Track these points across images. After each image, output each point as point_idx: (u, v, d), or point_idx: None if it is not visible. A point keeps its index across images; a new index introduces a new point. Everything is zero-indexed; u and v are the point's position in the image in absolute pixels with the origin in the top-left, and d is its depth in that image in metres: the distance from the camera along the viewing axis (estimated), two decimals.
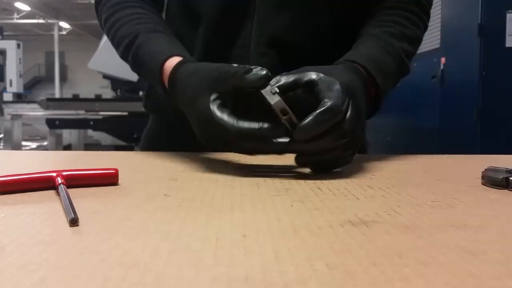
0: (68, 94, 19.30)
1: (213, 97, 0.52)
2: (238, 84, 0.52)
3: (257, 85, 0.51)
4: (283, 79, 0.52)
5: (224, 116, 0.51)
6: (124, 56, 0.72)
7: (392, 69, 0.66)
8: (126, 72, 4.16)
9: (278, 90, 0.50)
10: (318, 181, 0.48)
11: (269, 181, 0.48)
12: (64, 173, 0.43)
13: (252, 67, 0.52)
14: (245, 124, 0.50)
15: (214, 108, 0.52)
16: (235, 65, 0.54)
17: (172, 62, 0.62)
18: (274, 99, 0.49)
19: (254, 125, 0.50)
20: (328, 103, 0.49)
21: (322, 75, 0.52)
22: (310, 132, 0.49)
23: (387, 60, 0.66)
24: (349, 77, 0.55)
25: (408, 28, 0.73)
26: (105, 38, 4.16)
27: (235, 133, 0.50)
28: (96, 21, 0.81)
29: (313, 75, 0.52)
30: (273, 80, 0.52)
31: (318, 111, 0.49)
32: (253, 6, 0.72)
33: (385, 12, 0.74)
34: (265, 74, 0.51)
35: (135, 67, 0.72)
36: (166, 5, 0.83)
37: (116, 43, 0.74)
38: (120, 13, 0.74)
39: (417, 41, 0.75)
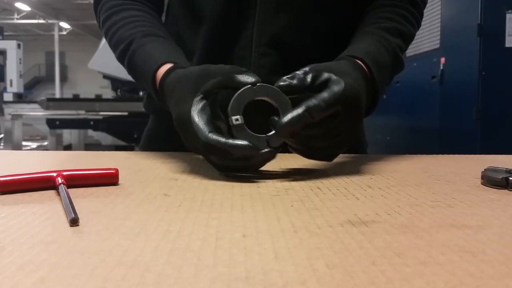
0: (68, 94, 19.31)
1: (197, 98, 0.51)
2: (226, 82, 0.51)
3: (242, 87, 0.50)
4: (297, 81, 0.53)
5: (200, 123, 0.49)
6: (120, 60, 0.73)
7: (388, 62, 0.67)
8: (126, 73, 4.16)
9: (240, 122, 0.50)
10: (318, 181, 0.48)
11: (269, 181, 0.48)
12: (64, 173, 0.43)
13: (243, 69, 0.52)
14: (214, 136, 0.48)
15: (194, 112, 0.50)
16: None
17: (164, 69, 0.62)
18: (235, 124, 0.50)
19: (222, 138, 0.48)
20: (314, 101, 0.50)
21: (333, 75, 0.53)
22: (292, 129, 0.49)
23: (383, 53, 0.67)
24: (356, 77, 0.56)
25: (402, 24, 0.73)
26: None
27: (203, 143, 0.49)
28: (96, 22, 0.81)
29: (325, 75, 0.53)
30: (285, 80, 0.52)
31: (298, 110, 0.49)
32: (254, 7, 0.72)
33: (379, 10, 0.75)
34: (255, 80, 0.51)
35: (130, 72, 0.72)
36: (167, 6, 0.83)
37: (113, 47, 0.74)
38: (117, 16, 0.74)
39: (411, 38, 0.76)
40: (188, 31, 0.77)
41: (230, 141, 0.48)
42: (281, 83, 0.52)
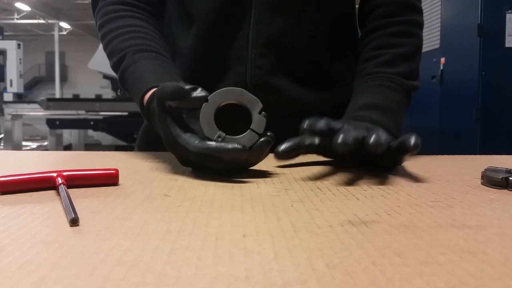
0: (68, 94, 19.33)
1: (168, 120, 0.51)
2: (178, 104, 0.51)
3: (196, 106, 0.50)
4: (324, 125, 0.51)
5: (186, 136, 0.50)
6: (114, 71, 0.73)
7: (395, 102, 0.69)
8: None
9: (222, 136, 0.50)
10: (318, 181, 0.48)
11: (269, 181, 0.48)
12: (65, 173, 0.43)
13: (189, 87, 0.50)
14: (204, 144, 0.48)
15: (174, 131, 0.50)
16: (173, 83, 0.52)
17: (149, 95, 0.62)
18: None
19: (212, 144, 0.48)
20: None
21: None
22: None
23: (389, 97, 0.68)
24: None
25: (400, 45, 0.73)
26: None
27: (195, 154, 0.48)
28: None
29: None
30: (310, 122, 0.51)
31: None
32: (249, 7, 0.72)
33: (372, 37, 0.75)
34: (205, 95, 0.50)
35: (122, 87, 0.73)
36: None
37: (107, 55, 0.74)
38: (112, 23, 0.74)
39: (415, 51, 0.75)
40: (182, 32, 0.77)
41: (220, 145, 0.48)
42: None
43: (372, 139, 0.47)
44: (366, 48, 0.75)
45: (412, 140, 0.48)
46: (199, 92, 0.50)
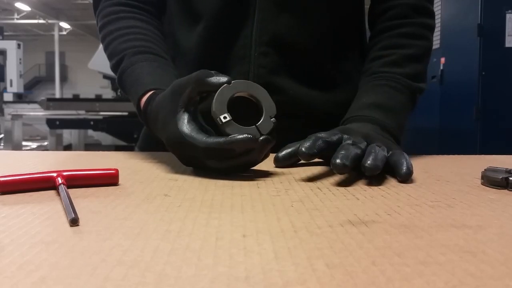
0: (68, 94, 19.34)
1: (179, 114, 0.51)
2: (199, 87, 0.51)
3: (216, 89, 0.50)
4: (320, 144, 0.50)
5: (193, 132, 0.49)
6: (113, 72, 0.73)
7: (399, 102, 0.69)
8: None
9: (228, 118, 0.50)
10: (318, 181, 0.48)
11: (269, 181, 0.48)
12: (65, 173, 0.43)
13: (212, 72, 0.51)
14: (212, 139, 0.48)
15: (182, 127, 0.50)
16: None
17: (146, 97, 0.62)
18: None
19: (220, 139, 0.48)
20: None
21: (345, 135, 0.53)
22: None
23: (393, 96, 0.68)
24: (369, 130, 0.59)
25: (409, 46, 0.73)
26: None
27: (202, 149, 0.48)
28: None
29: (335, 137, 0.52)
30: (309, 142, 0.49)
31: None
32: (253, 4, 0.71)
33: (381, 38, 0.75)
34: (228, 79, 0.50)
35: (120, 88, 0.73)
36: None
37: (107, 56, 0.74)
38: (113, 25, 0.74)
39: (424, 53, 0.74)
40: (184, 30, 0.76)
41: (229, 138, 0.48)
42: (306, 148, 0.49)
43: (368, 162, 0.46)
44: (374, 48, 0.75)
45: (404, 169, 0.48)
46: (223, 76, 0.51)
